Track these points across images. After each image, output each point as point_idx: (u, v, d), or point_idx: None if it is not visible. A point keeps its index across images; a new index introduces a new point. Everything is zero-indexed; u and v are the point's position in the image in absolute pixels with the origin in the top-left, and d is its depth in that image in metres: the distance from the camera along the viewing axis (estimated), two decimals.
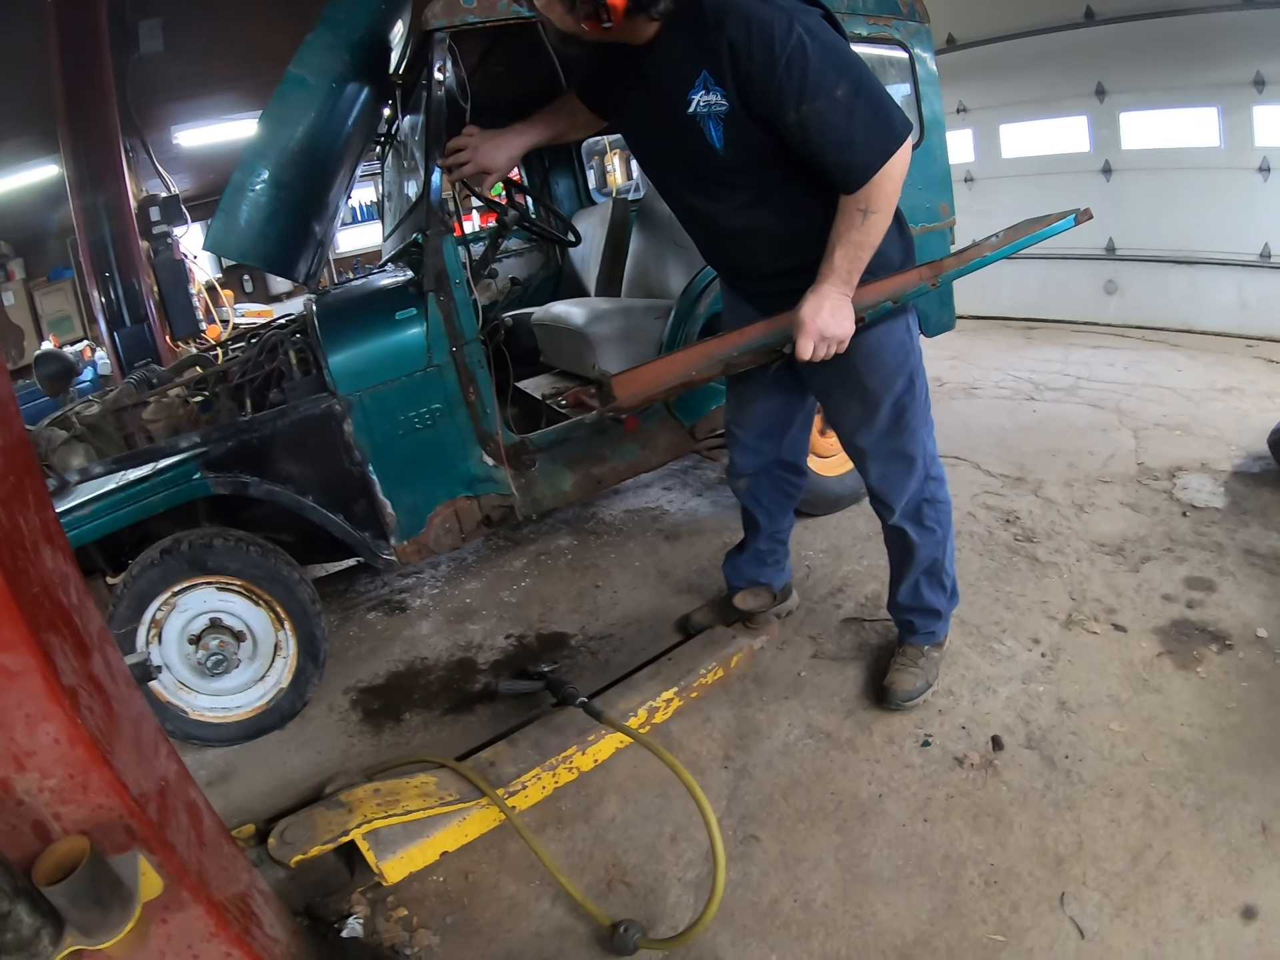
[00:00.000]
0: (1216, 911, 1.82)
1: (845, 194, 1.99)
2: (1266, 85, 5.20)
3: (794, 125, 1.92)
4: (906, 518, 2.50)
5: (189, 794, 1.45)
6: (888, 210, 2.02)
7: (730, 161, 2.05)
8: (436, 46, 2.79)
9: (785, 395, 2.59)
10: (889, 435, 2.39)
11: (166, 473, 2.71)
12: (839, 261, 2.04)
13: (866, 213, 1.99)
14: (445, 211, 2.90)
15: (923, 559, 2.55)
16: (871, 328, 2.22)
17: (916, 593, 2.61)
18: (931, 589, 2.61)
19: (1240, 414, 4.38)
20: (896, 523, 2.52)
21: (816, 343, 2.09)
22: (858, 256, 2.05)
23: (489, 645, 3.35)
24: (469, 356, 2.99)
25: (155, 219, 7.09)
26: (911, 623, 2.66)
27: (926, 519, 2.52)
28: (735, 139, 2.00)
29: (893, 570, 2.69)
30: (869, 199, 1.97)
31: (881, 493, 2.49)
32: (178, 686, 2.85)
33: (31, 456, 1.29)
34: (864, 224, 2.00)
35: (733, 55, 1.88)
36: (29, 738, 1.08)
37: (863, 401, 2.35)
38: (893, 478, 2.45)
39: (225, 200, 2.89)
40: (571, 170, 5.36)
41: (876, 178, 1.94)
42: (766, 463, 2.76)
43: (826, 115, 1.89)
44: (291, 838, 2.14)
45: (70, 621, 1.20)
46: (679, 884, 2.12)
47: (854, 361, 2.26)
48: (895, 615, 2.73)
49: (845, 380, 2.34)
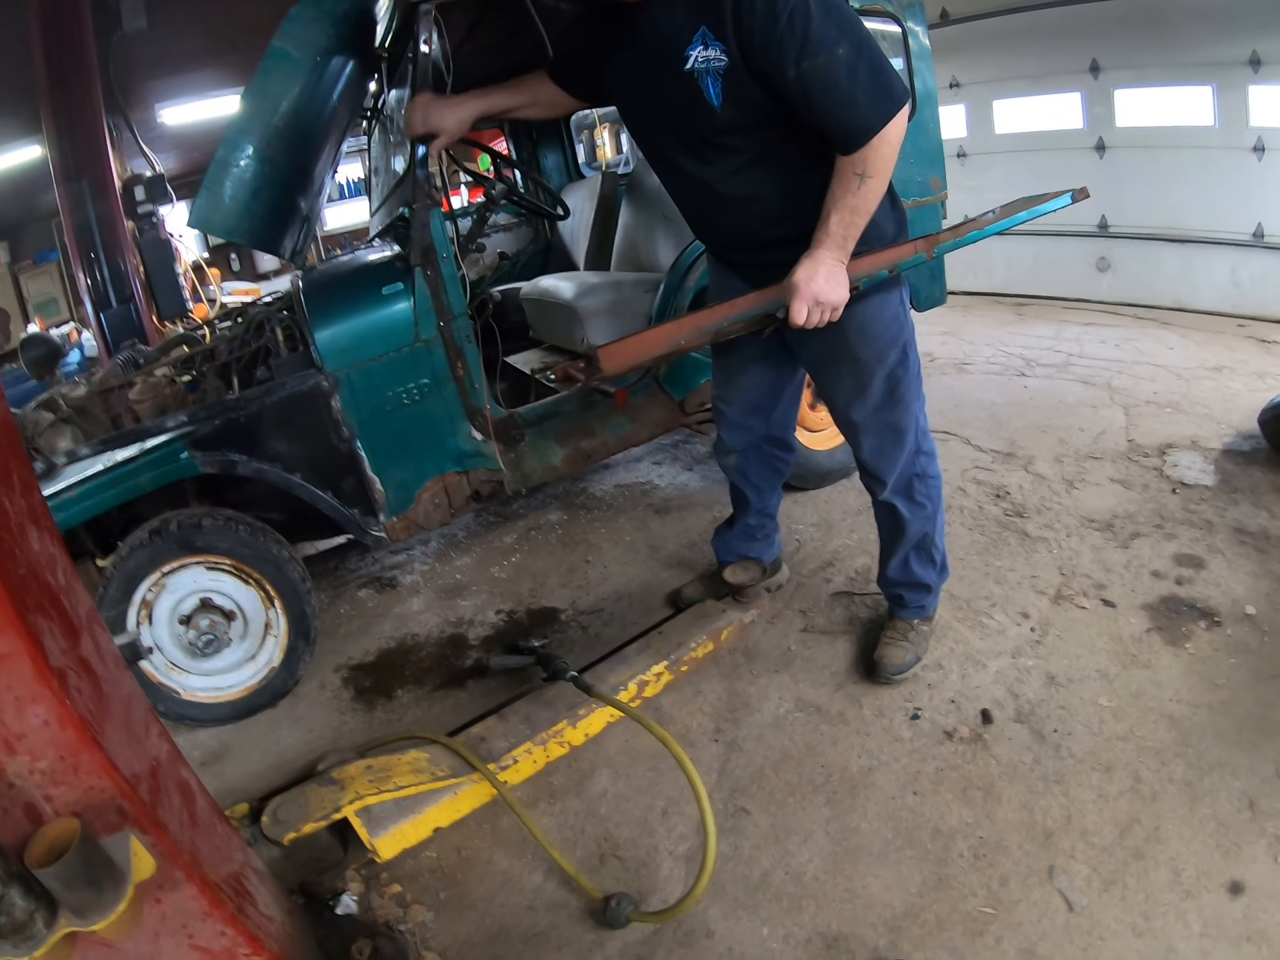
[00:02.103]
0: (1204, 886, 1.84)
1: (842, 156, 1.97)
2: (1262, 65, 5.16)
3: (794, 82, 1.89)
4: (897, 493, 2.50)
5: (181, 774, 1.45)
6: (884, 176, 2.00)
7: (727, 121, 2.02)
8: (422, 19, 2.76)
9: (773, 370, 2.58)
10: (882, 408, 2.38)
11: (154, 453, 2.70)
12: (834, 227, 2.02)
13: (863, 177, 1.96)
14: (432, 185, 2.88)
15: (913, 534, 2.56)
16: (865, 299, 2.21)
17: (906, 567, 2.62)
18: (921, 564, 2.62)
19: (1231, 393, 4.38)
20: (887, 498, 2.51)
21: (810, 308, 2.06)
22: (853, 222, 2.02)
23: (480, 621, 3.36)
24: (457, 331, 2.98)
25: (140, 198, 6.99)
26: (901, 596, 2.67)
27: (917, 494, 2.51)
28: (734, 96, 1.97)
29: (882, 545, 2.69)
30: (866, 162, 1.94)
31: (873, 467, 2.49)
32: (169, 667, 2.84)
33: (17, 439, 1.28)
34: (860, 188, 1.97)
35: (735, 9, 1.85)
36: (18, 720, 1.08)
37: (855, 374, 2.34)
38: (885, 451, 2.45)
39: (210, 177, 2.86)
40: (560, 144, 5.31)
41: (875, 141, 1.92)
42: (754, 439, 2.75)
43: (827, 72, 1.86)
44: (285, 816, 2.15)
45: (58, 603, 1.19)
46: (670, 857, 2.13)
47: (847, 334, 2.25)
48: (885, 589, 2.74)
49: (838, 353, 2.32)
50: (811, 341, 2.26)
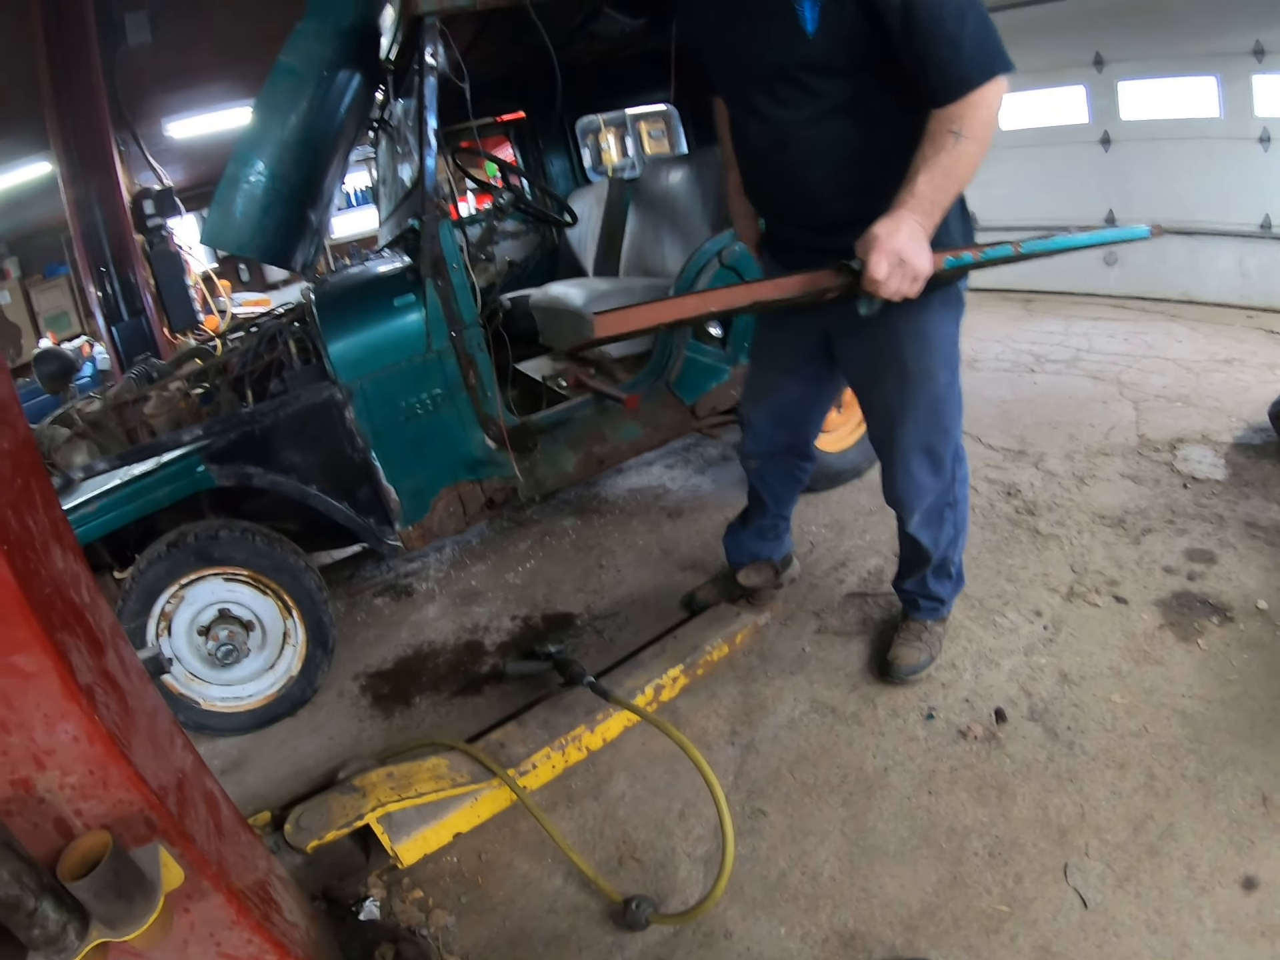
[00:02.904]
0: (1217, 882, 1.84)
1: (936, 107, 1.79)
2: (1266, 54, 5.14)
3: (899, 9, 1.74)
4: (923, 525, 2.46)
5: (206, 784, 1.47)
6: (981, 141, 1.79)
7: (817, 51, 1.86)
8: (427, 31, 2.79)
9: (808, 385, 2.53)
10: (923, 428, 2.29)
11: (170, 467, 2.73)
12: (922, 186, 1.79)
13: (959, 136, 1.76)
14: (440, 197, 2.90)
15: (935, 561, 2.55)
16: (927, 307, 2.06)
17: (923, 584, 2.62)
18: (938, 580, 2.61)
19: (1241, 385, 4.36)
20: (913, 531, 2.48)
21: (891, 266, 1.76)
22: (943, 187, 1.80)
23: (495, 627, 3.38)
24: (468, 341, 3.00)
25: (149, 212, 7.04)
26: (916, 601, 2.67)
27: (945, 522, 2.48)
28: (831, 20, 1.81)
29: (902, 561, 2.68)
30: (963, 119, 1.76)
31: (905, 495, 2.42)
32: (189, 678, 2.88)
33: (37, 457, 1.31)
34: (955, 148, 1.77)
35: None
36: (48, 736, 1.10)
37: (901, 387, 2.22)
38: (918, 477, 2.37)
39: (220, 193, 2.90)
40: (566, 149, 5.33)
41: (973, 96, 1.75)
42: (777, 449, 2.73)
43: (937, 7, 1.72)
44: (307, 823, 2.18)
45: (83, 620, 1.21)
46: (689, 859, 2.15)
47: (902, 339, 2.15)
48: (900, 594, 2.74)
49: (888, 360, 2.21)
50: (862, 344, 2.20)
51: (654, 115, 10.33)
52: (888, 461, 2.42)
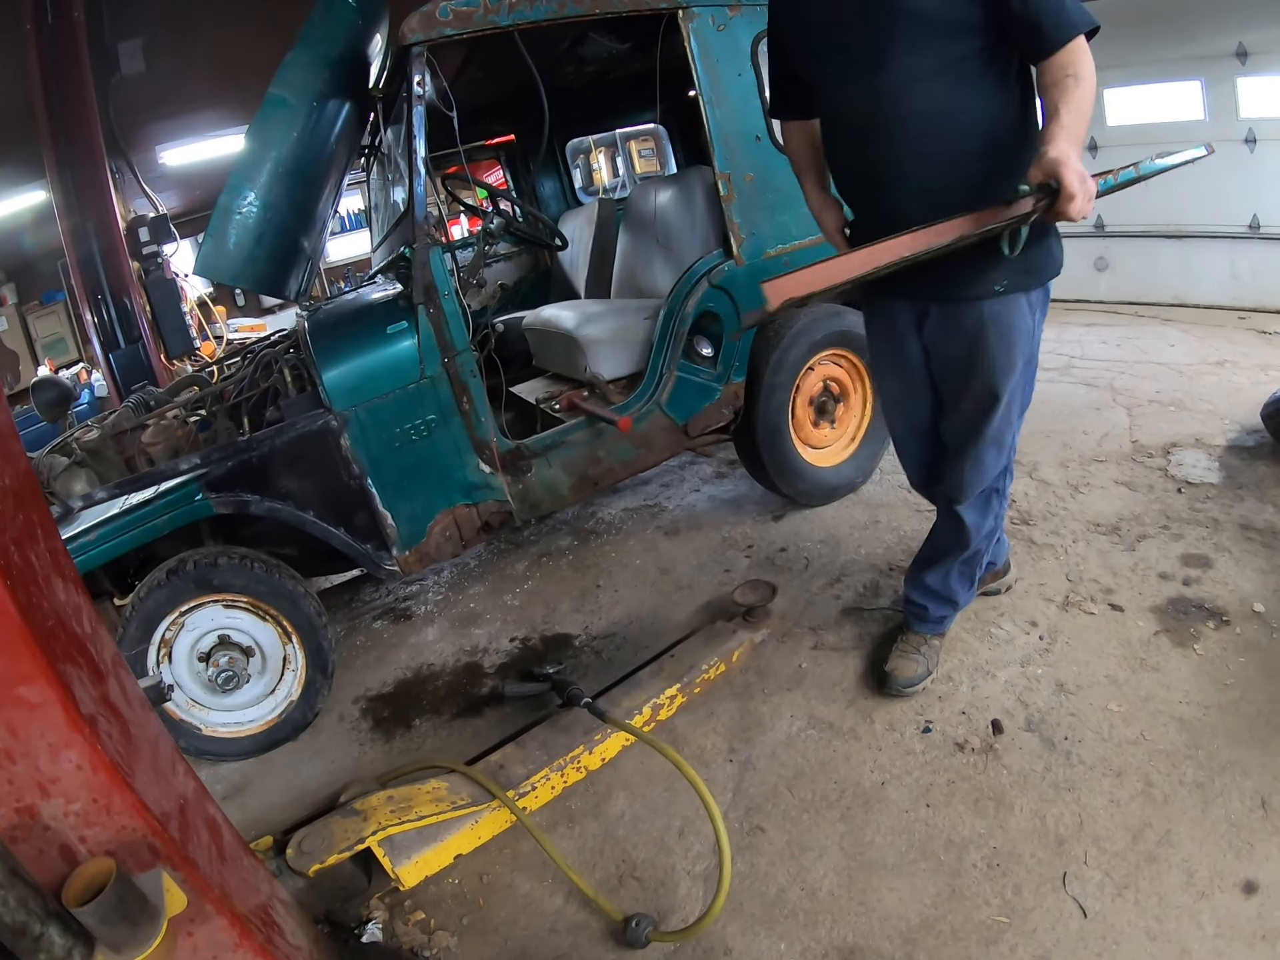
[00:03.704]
0: (1217, 887, 1.84)
1: (1044, 57, 1.87)
2: (1249, 56, 5.20)
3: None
4: (972, 507, 2.47)
5: (207, 810, 1.48)
6: (1092, 84, 1.85)
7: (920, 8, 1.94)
8: (415, 60, 2.82)
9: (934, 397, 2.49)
10: (1003, 420, 2.32)
11: (169, 495, 2.75)
12: (1066, 119, 1.81)
13: (1077, 78, 1.82)
14: (430, 224, 2.93)
15: (972, 548, 2.54)
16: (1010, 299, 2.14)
17: (946, 580, 2.60)
18: (961, 580, 2.61)
19: (1234, 387, 4.38)
20: (961, 511, 2.47)
21: (1081, 182, 1.76)
22: (1079, 121, 1.84)
23: (494, 649, 3.39)
24: (461, 366, 3.03)
25: (145, 239, 7.09)
26: (925, 610, 2.65)
27: (991, 508, 2.51)
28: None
29: (930, 554, 2.65)
30: (1074, 63, 1.84)
31: (968, 480, 2.42)
32: (190, 704, 2.89)
33: (38, 489, 1.33)
34: (1077, 89, 1.83)
35: None
36: (52, 765, 1.12)
37: (992, 384, 2.25)
38: (986, 464, 2.39)
39: (213, 224, 2.92)
40: (556, 171, 5.38)
41: (1079, 42, 1.84)
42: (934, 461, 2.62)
43: None
44: (309, 847, 2.19)
45: (85, 650, 1.23)
46: (688, 877, 2.16)
47: (989, 332, 2.18)
48: (911, 599, 2.70)
49: (976, 354, 2.22)
50: (956, 342, 2.22)
51: (643, 134, 10.39)
52: (960, 452, 2.41)
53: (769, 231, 3.46)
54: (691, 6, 3.18)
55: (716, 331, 3.49)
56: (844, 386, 3.88)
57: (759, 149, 3.37)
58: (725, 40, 3.27)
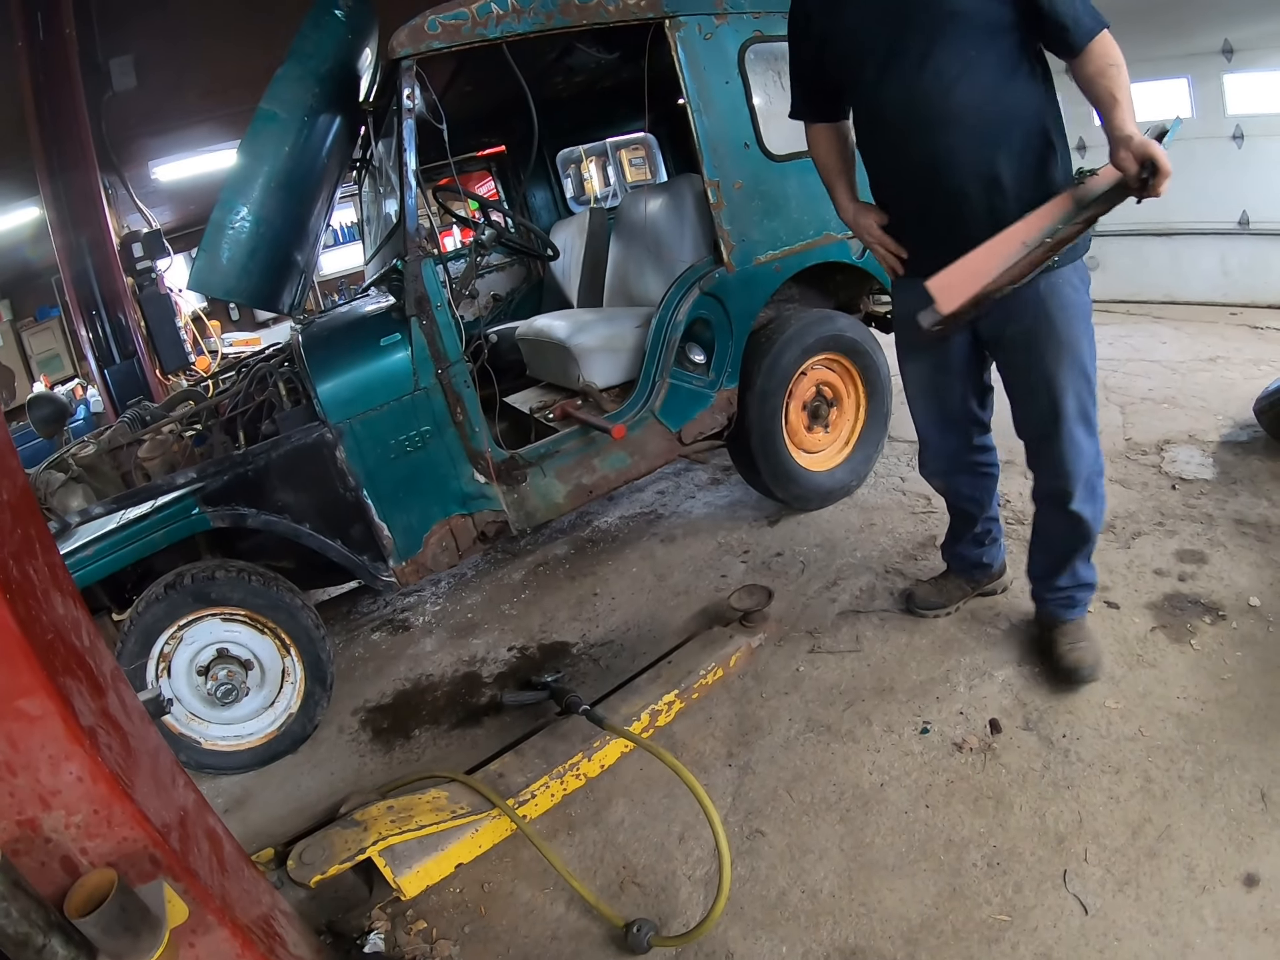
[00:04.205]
0: (1218, 881, 1.85)
1: (1076, 52, 2.02)
2: (1235, 53, 5.24)
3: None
4: (1084, 499, 2.41)
5: (208, 822, 1.49)
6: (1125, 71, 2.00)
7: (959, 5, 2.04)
8: (404, 74, 2.84)
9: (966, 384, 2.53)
10: (1081, 395, 2.32)
11: (166, 509, 2.77)
12: (1128, 105, 1.96)
13: (1116, 66, 1.98)
14: (422, 237, 2.94)
15: (1093, 537, 2.51)
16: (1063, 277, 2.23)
17: (1075, 573, 2.57)
18: (1086, 564, 2.58)
19: (1227, 383, 4.39)
20: (1076, 507, 2.41)
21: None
22: (1131, 105, 1.97)
23: (492, 658, 3.39)
24: (455, 377, 3.04)
25: (138, 254, 7.11)
26: (1071, 598, 2.59)
27: (1098, 493, 2.46)
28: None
29: (1053, 561, 2.59)
30: (1108, 54, 1.99)
31: (1071, 466, 2.37)
32: (189, 718, 2.89)
33: (35, 505, 1.34)
34: (1120, 76, 1.98)
35: None
36: (53, 777, 1.13)
37: (1060, 361, 2.27)
38: (1081, 444, 2.36)
39: (206, 239, 2.94)
40: (547, 181, 5.40)
41: (1107, 33, 1.99)
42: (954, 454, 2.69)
43: None
44: (310, 858, 2.19)
45: (84, 664, 1.24)
46: (689, 881, 2.16)
47: (1053, 316, 2.23)
48: (1049, 598, 2.64)
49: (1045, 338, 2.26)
50: (1016, 325, 2.24)
51: (634, 143, 10.42)
52: (1049, 439, 2.38)
53: (759, 238, 3.48)
54: (678, 16, 3.20)
55: (708, 338, 3.51)
56: (837, 391, 3.90)
57: (747, 156, 3.39)
58: (712, 49, 3.29)
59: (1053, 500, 2.47)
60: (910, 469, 4.13)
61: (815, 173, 2.57)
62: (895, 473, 4.14)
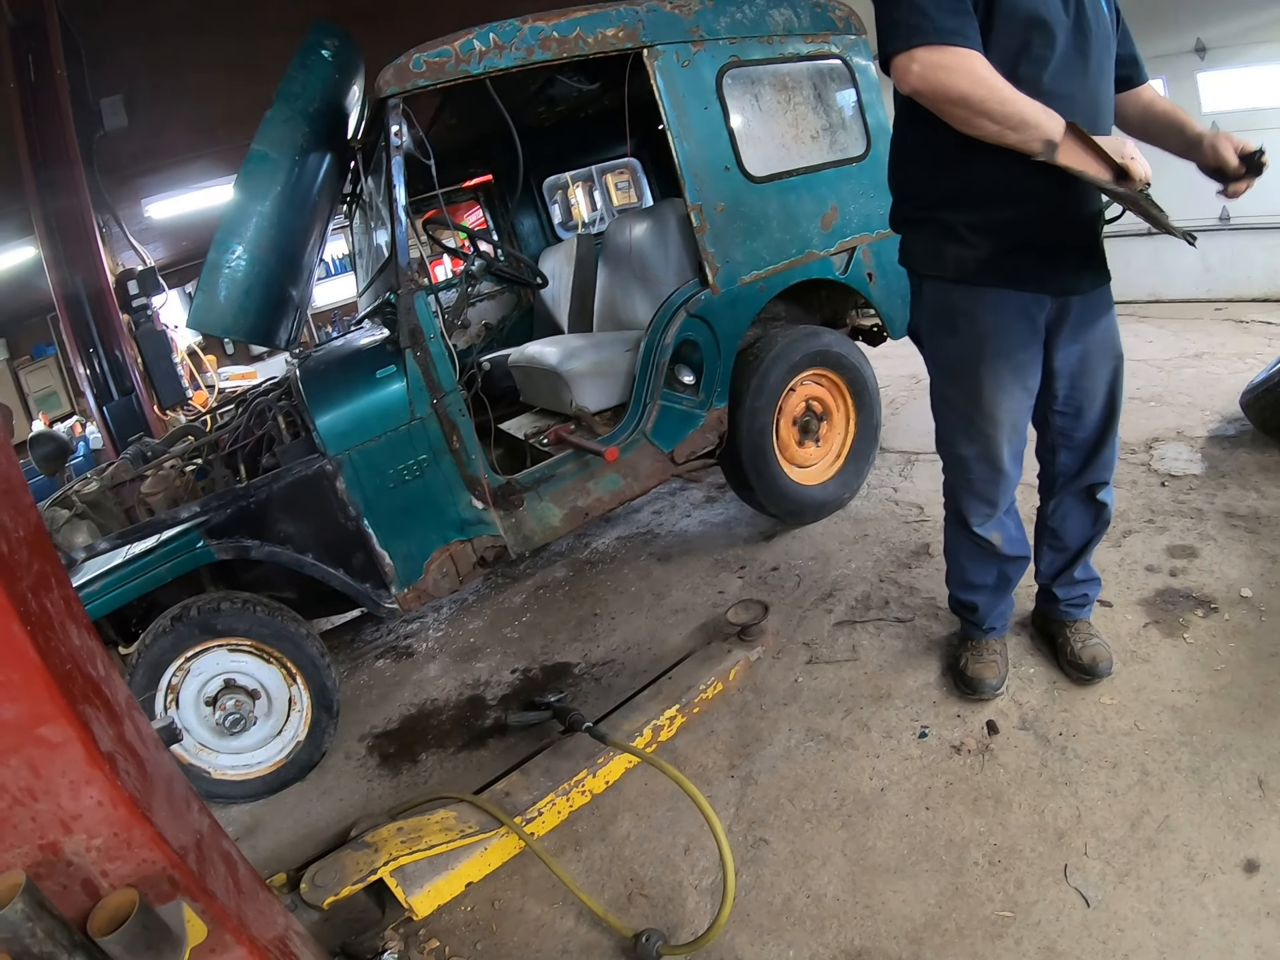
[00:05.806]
0: (1218, 868, 1.87)
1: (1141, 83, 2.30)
2: (1208, 51, 5.34)
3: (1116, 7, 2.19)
4: (1110, 487, 2.46)
5: (223, 845, 1.52)
6: None
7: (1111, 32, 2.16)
8: (391, 111, 2.90)
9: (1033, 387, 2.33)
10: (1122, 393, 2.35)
11: (171, 543, 2.80)
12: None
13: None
14: (414, 270, 3.00)
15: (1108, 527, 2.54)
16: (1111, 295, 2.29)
17: (1088, 565, 2.59)
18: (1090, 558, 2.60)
19: (1213, 378, 4.44)
20: (1103, 497, 2.44)
21: None
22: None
23: (496, 681, 3.42)
24: (450, 406, 3.09)
25: (134, 292, 7.15)
26: (1085, 596, 2.60)
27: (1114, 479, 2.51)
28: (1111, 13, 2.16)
29: (1073, 551, 2.55)
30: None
31: (1111, 459, 2.41)
32: (198, 748, 2.92)
33: (47, 541, 1.38)
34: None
35: None
36: (74, 802, 1.16)
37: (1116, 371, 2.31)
38: (1116, 444, 2.41)
39: (204, 279, 2.99)
40: (535, 209, 5.47)
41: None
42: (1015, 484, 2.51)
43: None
44: (322, 881, 2.22)
45: (100, 692, 1.28)
46: (695, 891, 2.19)
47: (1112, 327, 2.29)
48: (1065, 597, 2.61)
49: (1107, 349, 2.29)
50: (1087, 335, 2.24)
51: (619, 168, 10.50)
52: (1099, 443, 2.38)
53: (742, 259, 3.53)
54: (655, 45, 3.27)
55: (697, 359, 3.56)
56: (826, 405, 3.94)
57: (728, 179, 3.45)
58: (690, 75, 3.35)
59: (1087, 491, 2.46)
60: (903, 479, 4.17)
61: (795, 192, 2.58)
62: (888, 483, 4.18)
